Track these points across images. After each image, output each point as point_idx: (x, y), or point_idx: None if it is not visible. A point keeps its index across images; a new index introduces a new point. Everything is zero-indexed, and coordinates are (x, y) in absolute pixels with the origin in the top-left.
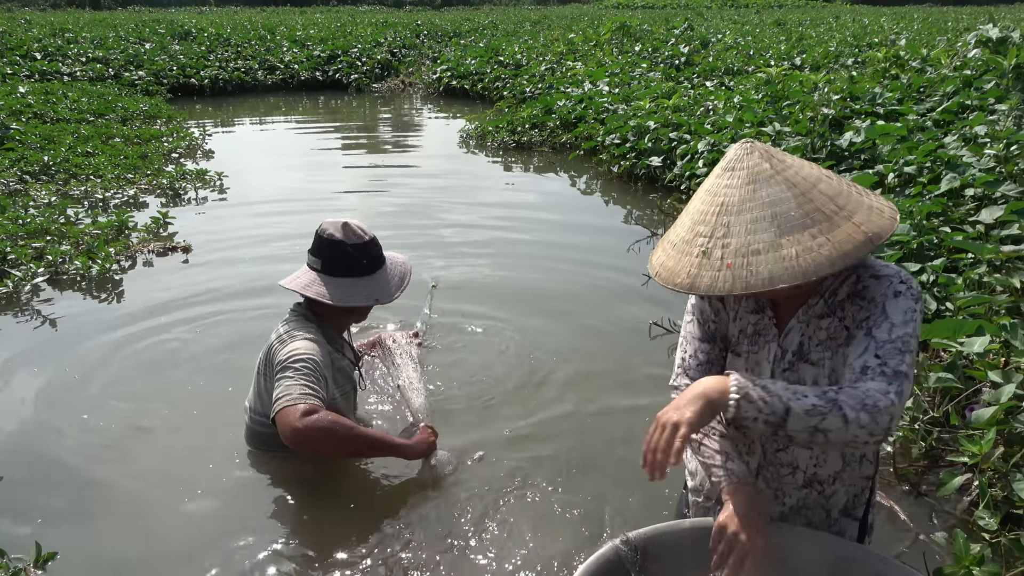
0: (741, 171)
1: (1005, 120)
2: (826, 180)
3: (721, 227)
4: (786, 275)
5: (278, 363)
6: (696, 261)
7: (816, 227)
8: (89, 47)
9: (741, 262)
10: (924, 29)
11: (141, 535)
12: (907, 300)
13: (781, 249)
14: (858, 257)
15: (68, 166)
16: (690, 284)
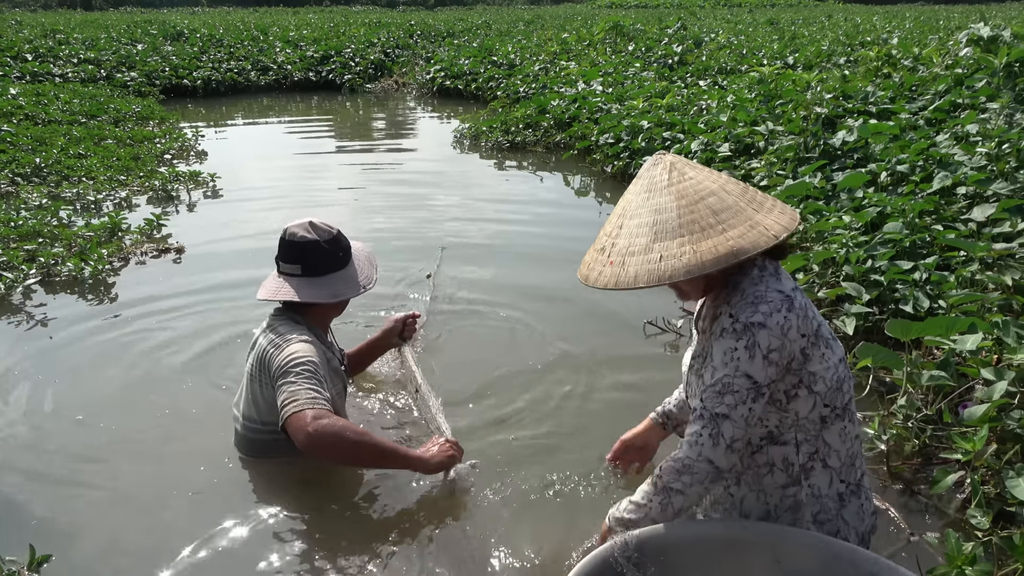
0: (644, 180)
1: (996, 119)
2: (719, 195)
3: (616, 228)
4: (645, 276)
5: (278, 368)
6: (594, 256)
7: (687, 237)
8: (81, 48)
9: (619, 260)
10: (916, 28)
11: (134, 538)
12: (728, 340)
13: (651, 253)
14: (715, 267)
15: (60, 168)
16: (585, 275)
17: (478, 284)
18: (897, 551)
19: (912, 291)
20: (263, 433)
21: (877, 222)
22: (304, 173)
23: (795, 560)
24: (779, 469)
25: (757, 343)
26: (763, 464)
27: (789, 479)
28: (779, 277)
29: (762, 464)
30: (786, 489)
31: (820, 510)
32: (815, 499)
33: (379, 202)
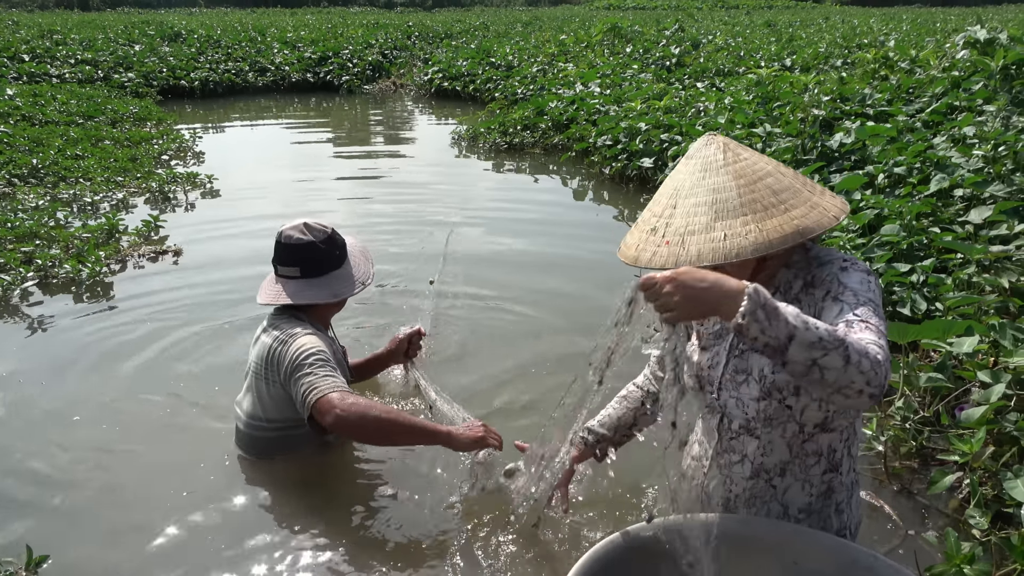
0: (697, 160)
1: (993, 121)
2: (776, 176)
3: (669, 208)
4: (710, 255)
5: (291, 363)
6: (645, 237)
7: (750, 215)
8: (78, 49)
9: (677, 240)
10: (913, 30)
11: (133, 539)
12: (857, 272)
13: (713, 231)
14: (782, 246)
15: (57, 169)
16: (635, 257)
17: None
18: (894, 549)
19: (909, 293)
20: (267, 431)
21: (874, 224)
22: (302, 175)
23: (813, 563)
24: (824, 457)
25: (880, 288)
26: (812, 453)
27: (830, 465)
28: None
29: (811, 453)
30: (825, 475)
31: (842, 499)
32: (842, 487)
33: (377, 204)
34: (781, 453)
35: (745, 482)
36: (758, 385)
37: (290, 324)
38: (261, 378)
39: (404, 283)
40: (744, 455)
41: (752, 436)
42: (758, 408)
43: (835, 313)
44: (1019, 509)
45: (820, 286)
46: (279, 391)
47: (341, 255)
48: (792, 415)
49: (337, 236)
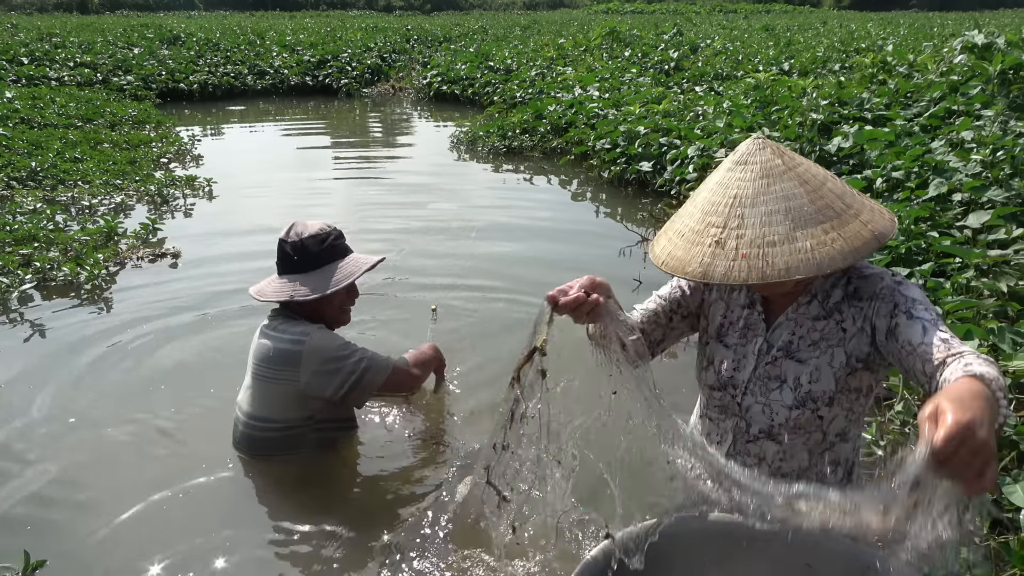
0: (754, 165)
1: (991, 125)
2: (832, 180)
3: (735, 218)
4: (802, 267)
5: (322, 358)
6: (709, 251)
7: (828, 223)
8: (77, 52)
9: (756, 252)
10: (911, 35)
11: (131, 542)
12: (914, 286)
13: (796, 242)
14: (867, 254)
15: (56, 172)
16: (703, 273)
17: (469, 291)
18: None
19: None
20: (268, 431)
21: None
22: (300, 178)
23: (827, 565)
24: (840, 466)
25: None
26: (830, 463)
27: (844, 473)
28: None
29: (829, 462)
30: (840, 483)
31: None
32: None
33: (372, 211)
34: (800, 460)
35: None
36: (792, 393)
37: (292, 324)
38: (266, 378)
39: (403, 292)
40: (761, 459)
41: (774, 441)
42: (788, 416)
43: (919, 331)
44: (1018, 514)
45: (873, 299)
46: (291, 388)
47: (310, 262)
48: (821, 424)
49: (314, 240)
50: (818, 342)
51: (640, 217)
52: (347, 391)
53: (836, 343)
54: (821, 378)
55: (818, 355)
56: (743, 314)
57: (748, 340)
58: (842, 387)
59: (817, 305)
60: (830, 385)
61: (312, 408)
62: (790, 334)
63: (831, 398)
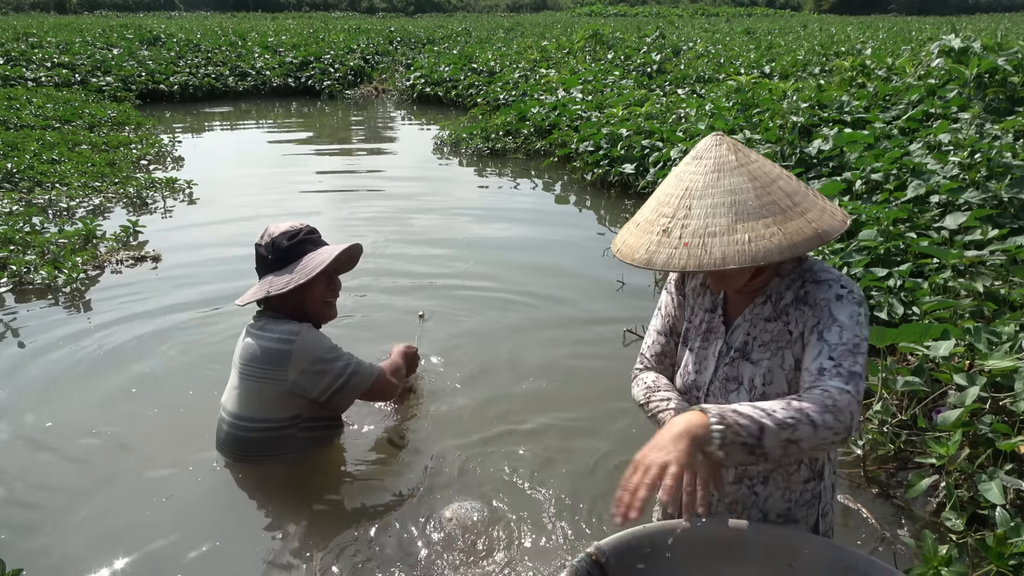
0: (708, 160)
1: (968, 128)
2: (785, 179)
3: (683, 209)
4: (736, 257)
5: (311, 358)
6: (656, 239)
7: (771, 218)
8: (54, 52)
9: (697, 242)
10: (889, 39)
11: (112, 547)
12: (850, 304)
13: (735, 234)
14: (806, 250)
15: (33, 174)
16: (647, 259)
17: (452, 294)
18: (873, 552)
19: (887, 298)
20: (252, 431)
21: (852, 229)
22: (282, 180)
23: (810, 566)
24: (805, 465)
25: (868, 317)
26: (794, 462)
27: (811, 473)
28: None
29: (793, 462)
30: (807, 484)
31: (826, 503)
32: (827, 492)
33: (355, 213)
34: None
35: (728, 487)
36: (748, 395)
37: (277, 323)
38: (253, 377)
39: (383, 296)
40: None
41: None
42: None
43: (814, 355)
44: (994, 511)
45: (813, 307)
46: (278, 388)
47: (279, 260)
48: None
49: (284, 236)
50: (768, 343)
51: (623, 219)
52: (332, 394)
53: (785, 345)
54: (774, 380)
55: (769, 356)
56: (706, 318)
57: (710, 343)
58: (794, 389)
59: (770, 306)
60: (783, 387)
61: (299, 407)
62: (745, 335)
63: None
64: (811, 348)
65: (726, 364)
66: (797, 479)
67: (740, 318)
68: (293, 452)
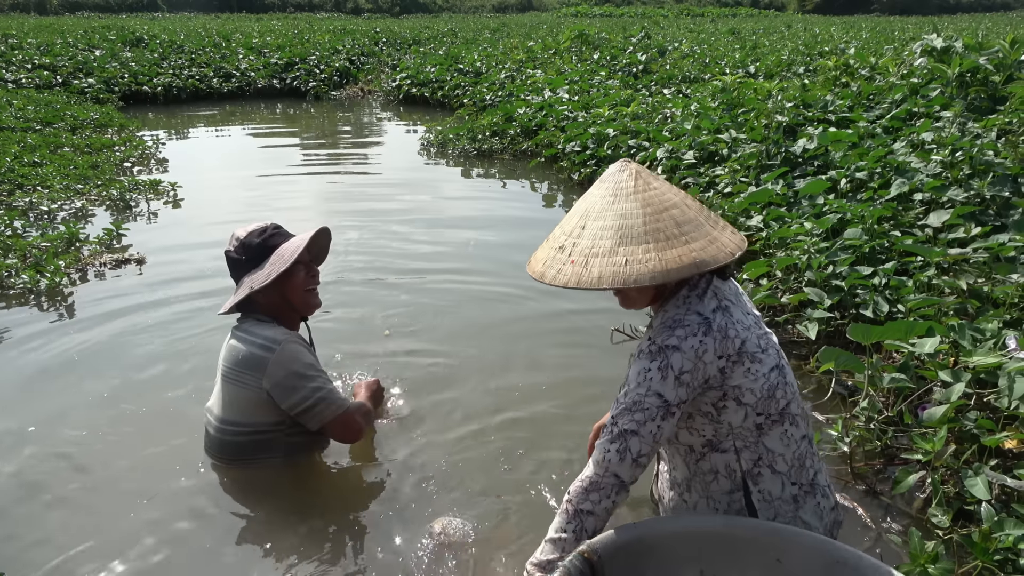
0: (609, 184)
1: (950, 127)
2: (681, 208)
3: (578, 228)
4: (609, 278)
5: (285, 371)
6: (553, 255)
7: (652, 244)
8: (35, 53)
9: (581, 260)
10: (872, 38)
11: (96, 550)
12: (644, 361)
13: (616, 256)
14: (678, 276)
15: (13, 176)
16: (541, 273)
17: (438, 295)
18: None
19: (872, 296)
20: (238, 435)
21: (837, 228)
22: (267, 182)
23: (797, 560)
24: (723, 476)
25: (671, 364)
26: (708, 471)
27: (733, 485)
28: (704, 298)
29: (707, 471)
30: (732, 495)
31: (776, 514)
32: (768, 504)
33: (341, 215)
34: (682, 470)
35: (668, 493)
36: None
37: (262, 327)
38: (235, 382)
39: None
40: (663, 470)
41: (666, 450)
42: None
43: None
44: (979, 506)
45: (633, 354)
46: (255, 394)
47: (251, 261)
48: (673, 439)
49: (252, 235)
50: None
51: None
52: (300, 412)
53: None
54: None
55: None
56: None
57: None
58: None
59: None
60: None
61: (282, 413)
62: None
63: None
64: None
65: None
66: (717, 489)
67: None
68: (280, 456)
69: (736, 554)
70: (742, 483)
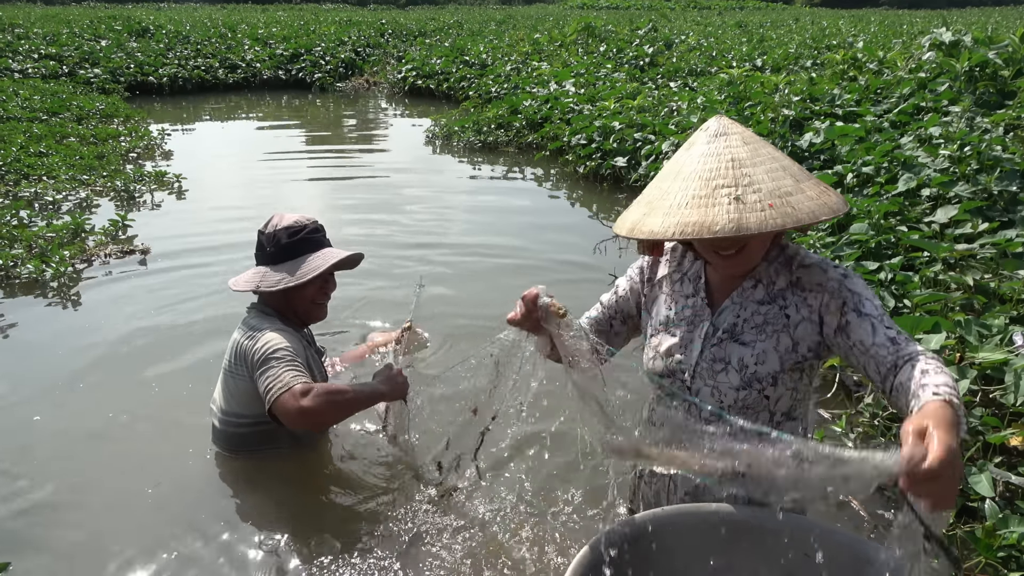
0: (735, 135)
1: (958, 122)
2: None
3: (744, 177)
4: (822, 210)
5: (256, 357)
6: (731, 207)
7: (810, 180)
8: (41, 43)
9: (780, 202)
10: (880, 32)
11: (101, 542)
12: (858, 279)
13: (804, 192)
14: (843, 209)
15: (19, 166)
16: (736, 227)
17: (443, 287)
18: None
19: (878, 291)
20: (240, 426)
21: (843, 223)
22: (273, 174)
23: (827, 557)
24: (805, 373)
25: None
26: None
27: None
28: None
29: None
30: (807, 389)
31: None
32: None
33: (345, 206)
34: (773, 364)
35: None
36: (738, 375)
37: (257, 320)
38: (232, 374)
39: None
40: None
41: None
42: (736, 397)
43: (869, 330)
44: (983, 503)
45: (820, 292)
46: (247, 385)
47: (281, 253)
48: (768, 404)
49: (286, 232)
50: (762, 325)
51: (616, 212)
52: (267, 402)
53: (781, 328)
54: (767, 360)
55: (764, 338)
56: (688, 303)
57: (696, 326)
58: (787, 368)
59: (762, 290)
60: (775, 366)
61: None
62: (735, 317)
63: (775, 378)
64: (858, 326)
65: (713, 345)
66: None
67: (728, 301)
68: (287, 447)
69: (763, 546)
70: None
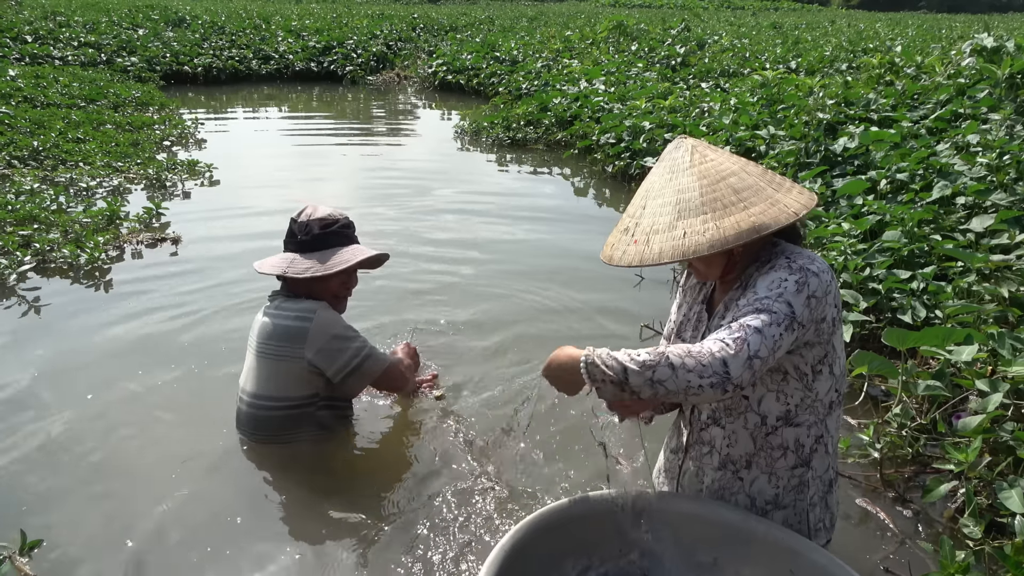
0: (666, 163)
1: (997, 130)
2: (740, 175)
3: (640, 209)
4: (669, 252)
5: (327, 335)
6: (619, 237)
7: (710, 214)
8: (81, 31)
9: (644, 239)
10: (919, 36)
11: (130, 522)
12: (780, 272)
13: (675, 230)
14: (737, 242)
15: (58, 152)
16: (609, 256)
17: (468, 284)
18: (887, 556)
19: (909, 300)
20: (272, 410)
21: (876, 230)
22: (302, 165)
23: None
24: (791, 451)
25: (807, 283)
26: (777, 447)
27: (799, 460)
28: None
29: (776, 446)
30: (794, 470)
31: (815, 495)
32: (816, 481)
33: (373, 200)
34: (745, 445)
35: (714, 473)
36: None
37: (294, 301)
38: (270, 356)
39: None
40: (712, 446)
41: (718, 426)
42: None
43: (728, 319)
44: (1013, 519)
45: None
46: (296, 365)
47: (312, 243)
48: (749, 405)
49: (320, 223)
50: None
51: None
52: (347, 375)
53: None
54: None
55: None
56: (696, 309)
57: (699, 331)
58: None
59: (740, 290)
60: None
61: (316, 386)
62: (720, 319)
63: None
64: (731, 313)
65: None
66: (783, 465)
67: (720, 305)
68: (314, 431)
69: (750, 552)
70: (808, 458)
